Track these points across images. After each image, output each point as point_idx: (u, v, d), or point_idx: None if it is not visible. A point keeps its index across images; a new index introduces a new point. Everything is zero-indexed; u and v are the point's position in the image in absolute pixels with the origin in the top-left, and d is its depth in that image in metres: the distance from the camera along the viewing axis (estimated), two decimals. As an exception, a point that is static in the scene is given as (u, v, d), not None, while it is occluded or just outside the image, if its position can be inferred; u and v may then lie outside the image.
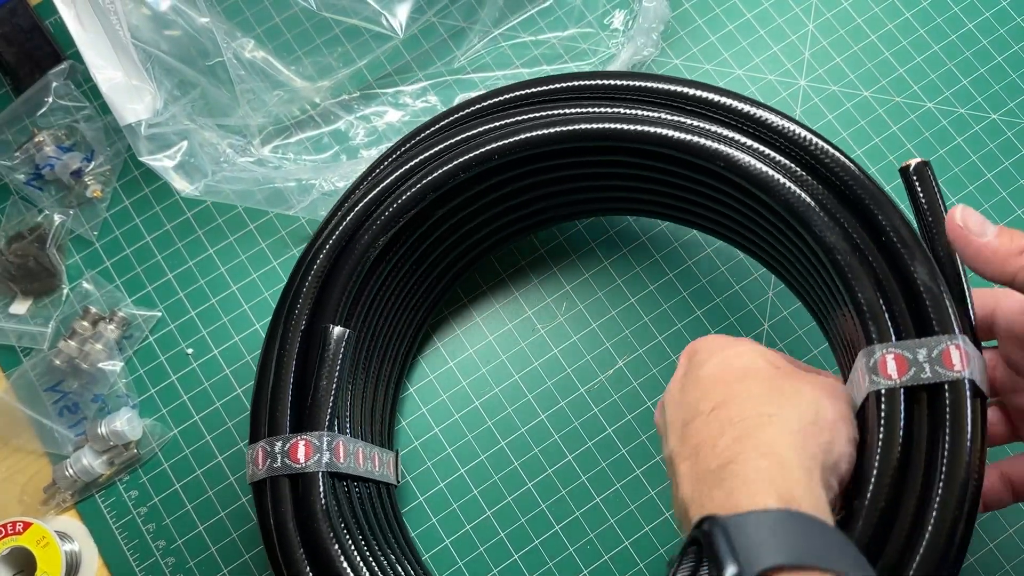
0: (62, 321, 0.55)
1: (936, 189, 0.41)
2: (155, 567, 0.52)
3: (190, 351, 0.56)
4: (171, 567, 0.52)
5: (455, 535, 0.52)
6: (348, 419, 0.46)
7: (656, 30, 0.59)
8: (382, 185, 0.47)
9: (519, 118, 0.47)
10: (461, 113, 0.49)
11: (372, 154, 0.58)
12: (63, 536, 0.51)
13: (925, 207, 0.41)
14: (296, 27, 0.62)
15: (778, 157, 0.44)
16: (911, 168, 0.41)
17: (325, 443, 0.43)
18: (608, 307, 0.56)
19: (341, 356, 0.44)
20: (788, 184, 0.43)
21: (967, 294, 0.40)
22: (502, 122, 0.47)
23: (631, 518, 0.52)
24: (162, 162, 0.55)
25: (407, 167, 0.47)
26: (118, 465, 0.53)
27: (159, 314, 0.56)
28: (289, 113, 0.60)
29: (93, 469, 0.52)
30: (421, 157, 0.47)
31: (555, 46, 0.61)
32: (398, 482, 0.51)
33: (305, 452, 0.43)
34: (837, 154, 0.43)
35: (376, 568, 0.43)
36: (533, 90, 0.48)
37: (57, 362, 0.54)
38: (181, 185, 0.55)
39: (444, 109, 0.59)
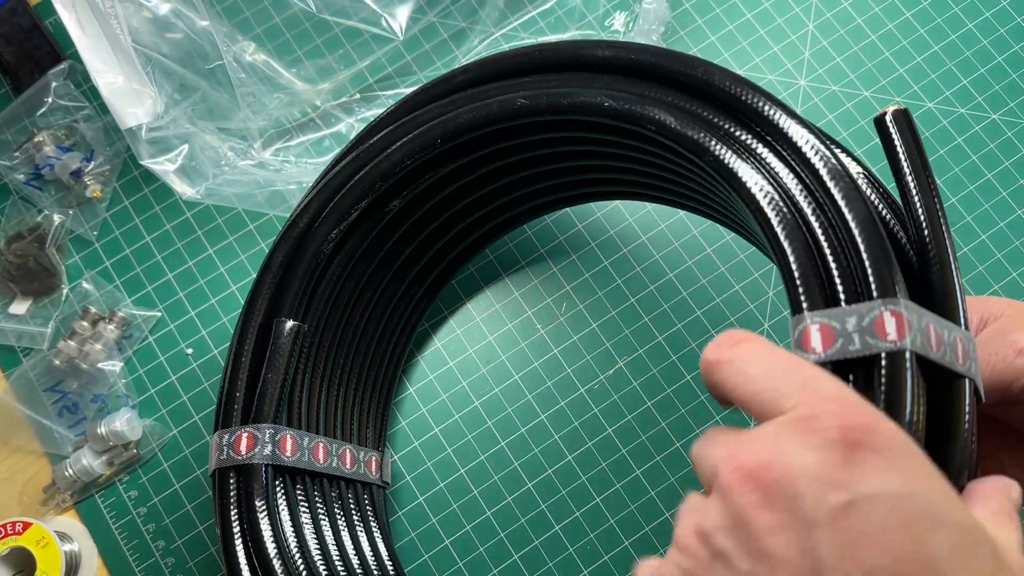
0: (62, 321, 0.55)
1: (915, 141, 0.36)
2: (155, 567, 0.52)
3: (190, 351, 0.56)
4: (171, 567, 0.52)
5: (455, 535, 0.52)
6: (303, 414, 0.46)
7: (656, 31, 0.59)
8: (338, 179, 0.47)
9: (456, 98, 0.45)
10: (416, 100, 0.48)
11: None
12: (63, 536, 0.51)
13: (904, 161, 0.35)
14: (296, 29, 0.62)
15: (707, 114, 0.39)
16: (888, 116, 0.35)
17: (267, 435, 0.43)
18: (608, 307, 0.56)
19: (291, 349, 0.44)
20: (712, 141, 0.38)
21: (952, 265, 0.34)
22: (441, 104, 0.46)
23: (631, 518, 0.52)
24: (163, 165, 0.55)
25: (353, 156, 0.47)
26: (118, 465, 0.53)
27: (159, 314, 0.56)
28: (290, 116, 0.60)
29: (93, 469, 0.52)
30: (370, 142, 0.46)
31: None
32: (385, 483, 0.51)
33: (247, 444, 0.43)
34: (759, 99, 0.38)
35: (318, 561, 0.44)
36: (474, 74, 0.46)
37: (57, 362, 0.54)
38: (182, 188, 0.55)
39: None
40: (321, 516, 0.46)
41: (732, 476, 0.25)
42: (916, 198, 0.35)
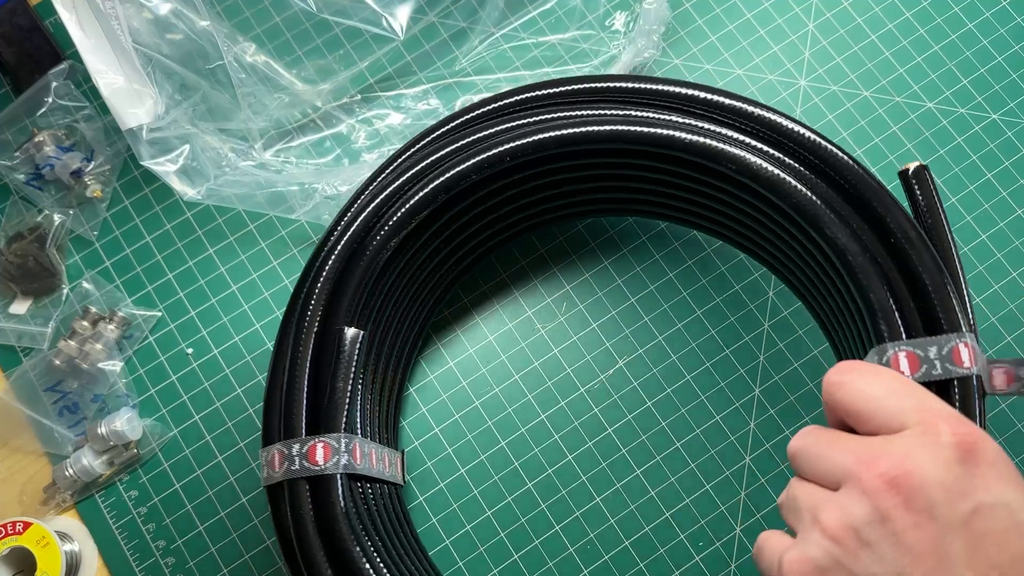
0: (62, 321, 0.55)
1: (935, 192, 0.42)
2: (155, 567, 0.52)
3: (190, 351, 0.56)
4: (171, 567, 0.52)
5: (455, 535, 0.52)
6: (359, 420, 0.46)
7: (657, 31, 0.59)
8: (392, 187, 0.47)
9: (529, 120, 0.47)
10: (467, 116, 0.49)
11: (374, 157, 0.58)
12: (63, 536, 0.51)
13: (924, 210, 0.42)
14: (296, 29, 0.62)
15: (785, 158, 0.44)
16: (910, 172, 0.42)
17: (343, 445, 0.43)
18: (608, 307, 0.56)
19: (356, 357, 0.44)
20: (798, 186, 0.43)
21: (966, 297, 0.41)
22: (512, 124, 0.47)
23: (631, 518, 0.52)
24: (164, 166, 0.55)
25: (417, 168, 0.47)
26: (118, 465, 0.53)
27: (159, 314, 0.56)
28: (290, 117, 0.60)
29: (93, 469, 0.52)
30: (431, 159, 0.47)
31: (556, 47, 0.61)
32: (404, 482, 0.51)
33: (324, 454, 0.43)
34: (842, 155, 0.44)
35: (394, 569, 0.43)
36: (540, 92, 0.49)
37: (57, 362, 0.54)
38: (183, 189, 0.55)
39: (446, 111, 0.59)
40: (386, 523, 0.46)
41: (876, 481, 0.31)
42: (933, 237, 0.42)
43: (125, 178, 0.59)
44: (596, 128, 0.46)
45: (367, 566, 0.41)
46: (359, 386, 0.46)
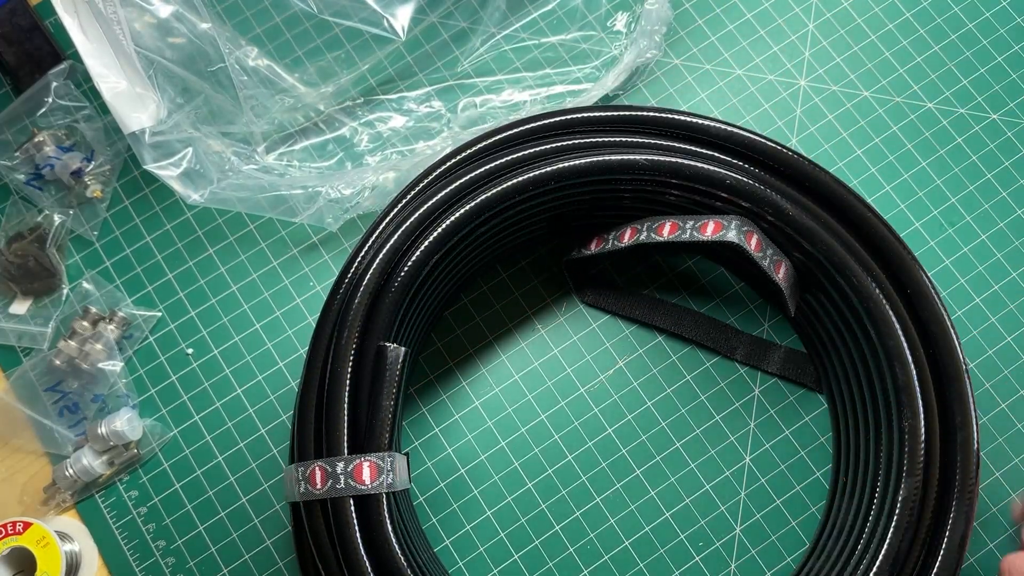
0: (62, 321, 0.55)
1: None
2: (155, 567, 0.52)
3: (190, 351, 0.56)
4: (171, 567, 0.52)
5: (455, 535, 0.52)
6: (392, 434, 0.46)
7: (659, 32, 0.59)
8: (432, 202, 0.47)
9: (571, 143, 0.49)
10: (503, 135, 0.50)
11: (376, 160, 0.58)
12: (63, 536, 0.51)
13: None
14: (296, 29, 0.62)
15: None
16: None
17: (389, 464, 0.43)
18: (608, 307, 0.56)
19: (399, 375, 0.44)
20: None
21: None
22: (554, 145, 0.49)
23: (631, 518, 0.52)
24: (167, 170, 0.54)
25: (457, 184, 0.47)
26: (118, 465, 0.53)
27: (159, 314, 0.56)
28: (293, 120, 0.60)
29: (93, 469, 0.52)
30: (472, 175, 0.47)
31: (557, 48, 0.61)
32: (411, 483, 0.51)
33: (371, 474, 0.42)
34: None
35: None
36: (576, 116, 0.50)
37: (57, 362, 0.54)
38: (186, 193, 0.54)
39: (448, 113, 0.60)
40: (412, 535, 0.46)
41: None
42: None
43: (125, 178, 0.59)
44: (640, 158, 0.48)
45: None
46: (398, 403, 0.45)
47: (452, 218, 0.46)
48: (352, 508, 0.42)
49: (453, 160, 0.49)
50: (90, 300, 0.56)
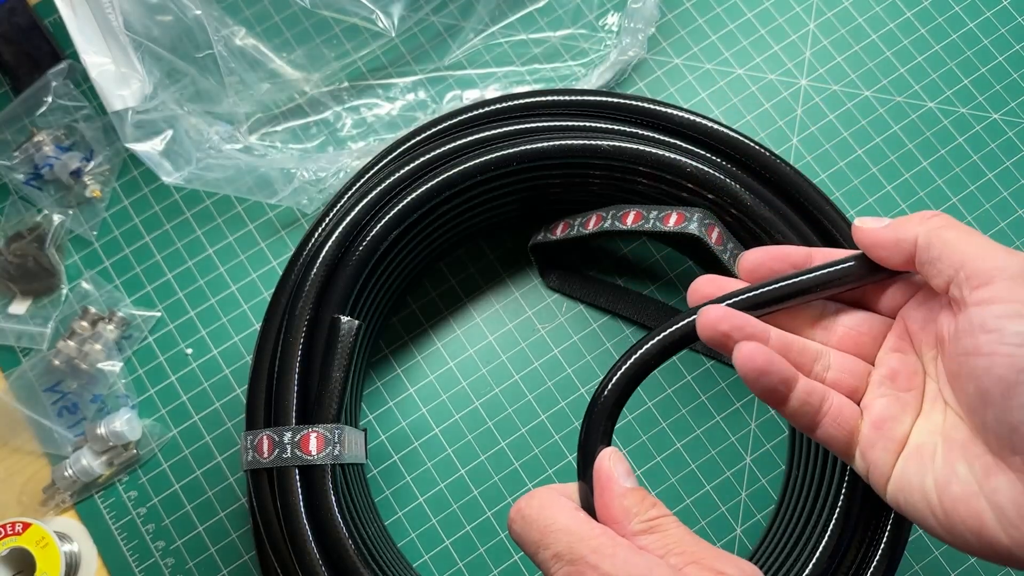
0: (61, 321, 0.55)
1: None
2: (154, 568, 0.52)
3: (189, 351, 0.56)
4: (170, 567, 0.52)
5: (455, 535, 0.52)
6: (346, 409, 0.46)
7: (643, 31, 0.59)
8: (394, 177, 0.47)
9: (536, 125, 0.48)
10: (471, 114, 0.50)
11: (360, 146, 0.58)
12: (62, 537, 0.51)
13: None
14: (289, 20, 0.61)
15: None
16: None
17: (336, 436, 0.43)
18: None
19: (351, 347, 0.44)
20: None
21: None
22: (522, 126, 0.48)
23: (631, 519, 0.52)
24: (147, 149, 0.54)
25: (420, 161, 0.47)
26: (117, 466, 0.53)
27: (158, 314, 0.56)
28: (278, 100, 0.59)
29: (92, 470, 0.52)
30: (435, 152, 0.47)
31: (551, 44, 0.61)
32: (366, 459, 0.51)
33: (317, 444, 0.43)
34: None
35: (379, 558, 0.43)
36: (547, 99, 0.50)
37: (56, 362, 0.54)
38: (166, 171, 0.54)
39: (435, 104, 0.59)
40: (359, 508, 0.46)
41: None
42: None
43: (124, 178, 0.59)
44: (600, 143, 0.48)
45: (356, 558, 0.41)
46: (350, 376, 0.46)
47: (414, 195, 0.46)
48: (297, 477, 0.42)
49: (419, 137, 0.50)
50: (89, 300, 0.56)
